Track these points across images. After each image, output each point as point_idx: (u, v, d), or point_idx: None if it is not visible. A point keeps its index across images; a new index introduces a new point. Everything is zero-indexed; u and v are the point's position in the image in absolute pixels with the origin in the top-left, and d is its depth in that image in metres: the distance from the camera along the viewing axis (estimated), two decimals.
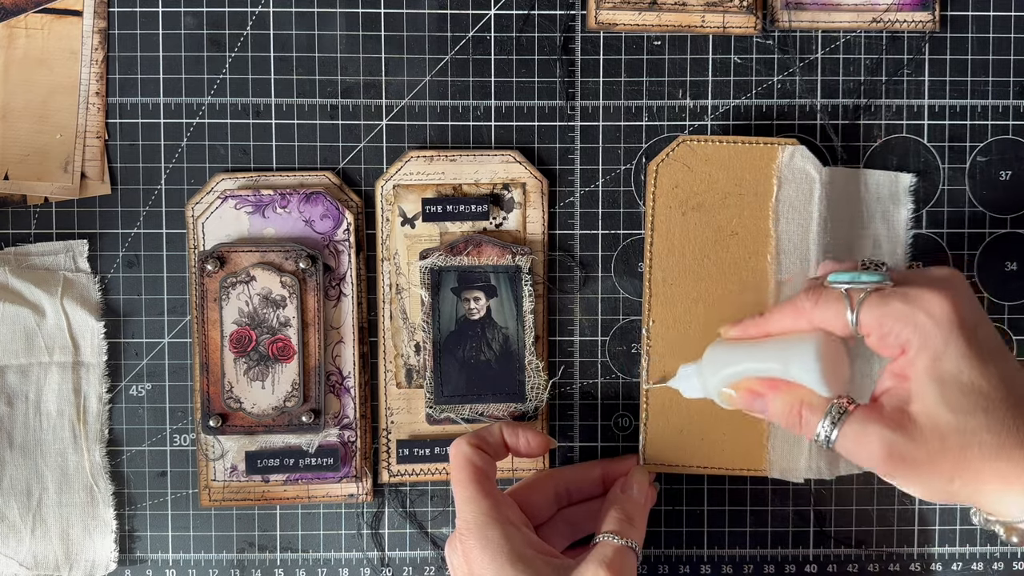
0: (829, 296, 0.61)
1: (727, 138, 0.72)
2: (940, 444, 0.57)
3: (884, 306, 0.59)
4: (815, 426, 0.61)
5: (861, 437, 0.59)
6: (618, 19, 0.74)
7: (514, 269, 0.73)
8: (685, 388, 0.70)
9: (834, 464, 0.73)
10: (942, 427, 0.57)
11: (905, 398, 0.59)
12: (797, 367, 0.62)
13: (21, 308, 0.74)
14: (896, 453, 0.58)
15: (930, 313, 0.58)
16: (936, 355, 0.58)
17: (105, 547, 0.76)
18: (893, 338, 0.59)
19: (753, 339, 0.66)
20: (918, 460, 0.58)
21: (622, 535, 0.66)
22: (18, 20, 0.73)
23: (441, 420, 0.74)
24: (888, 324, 0.59)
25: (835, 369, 0.62)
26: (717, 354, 0.67)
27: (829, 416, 0.60)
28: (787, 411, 0.62)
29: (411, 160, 0.74)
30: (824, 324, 0.62)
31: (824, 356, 0.61)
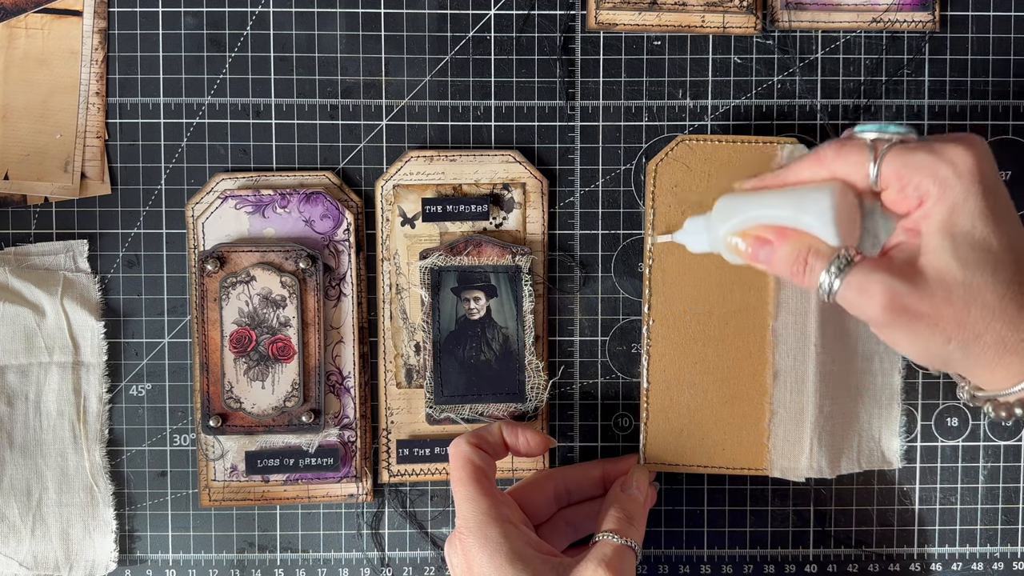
0: (853, 145, 0.60)
1: (726, 137, 0.72)
2: (945, 298, 0.57)
3: (908, 155, 0.58)
4: (819, 274, 0.60)
5: (865, 286, 0.58)
6: (618, 19, 0.74)
7: (514, 269, 0.73)
8: (692, 242, 0.68)
9: (835, 463, 0.73)
10: (949, 281, 0.57)
11: (915, 252, 0.58)
12: (810, 213, 0.60)
13: (21, 308, 0.74)
14: (899, 302, 0.57)
15: (954, 163, 0.57)
16: (953, 208, 0.57)
17: (105, 547, 0.76)
18: (912, 189, 0.58)
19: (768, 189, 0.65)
20: (920, 312, 0.57)
21: (621, 534, 0.66)
22: (18, 20, 0.73)
23: (441, 420, 0.74)
24: (909, 174, 0.58)
25: (847, 221, 0.60)
26: (728, 204, 0.65)
27: (835, 263, 0.59)
28: (793, 258, 0.61)
29: (411, 160, 0.74)
30: (844, 174, 0.61)
31: (839, 204, 0.60)
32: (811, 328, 0.72)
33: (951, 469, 0.76)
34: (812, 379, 0.72)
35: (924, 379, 0.76)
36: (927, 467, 0.76)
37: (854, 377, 0.74)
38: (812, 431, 0.72)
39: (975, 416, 0.76)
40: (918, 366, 0.75)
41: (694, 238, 0.68)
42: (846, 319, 0.73)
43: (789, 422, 0.73)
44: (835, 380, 0.73)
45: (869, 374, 0.74)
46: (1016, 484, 0.77)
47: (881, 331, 0.59)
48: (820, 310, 0.72)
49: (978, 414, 0.76)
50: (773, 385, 0.73)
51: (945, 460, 0.76)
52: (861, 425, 0.74)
